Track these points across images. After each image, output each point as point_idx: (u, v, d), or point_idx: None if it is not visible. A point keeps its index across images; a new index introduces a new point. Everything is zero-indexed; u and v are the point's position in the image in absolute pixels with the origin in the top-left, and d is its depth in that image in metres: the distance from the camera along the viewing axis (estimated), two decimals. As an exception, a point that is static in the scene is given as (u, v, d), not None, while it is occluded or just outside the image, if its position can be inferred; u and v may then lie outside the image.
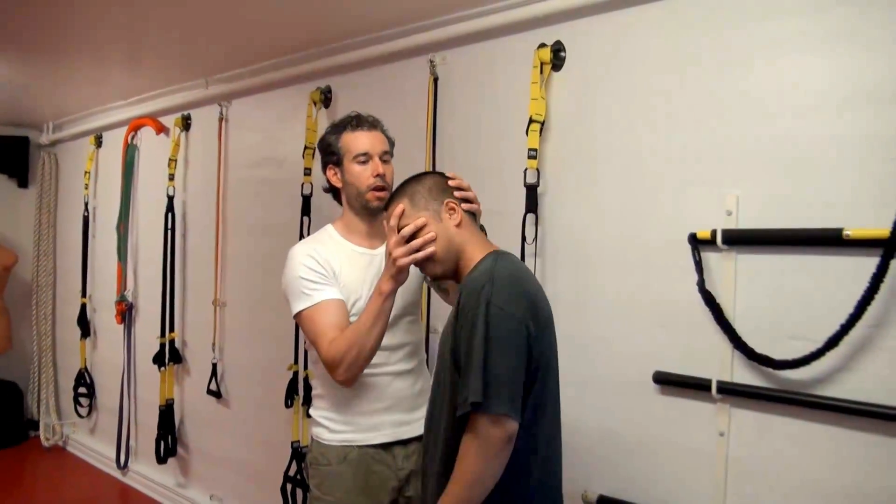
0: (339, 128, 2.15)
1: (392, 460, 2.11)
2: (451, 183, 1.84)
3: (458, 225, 1.80)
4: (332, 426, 2.10)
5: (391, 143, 2.19)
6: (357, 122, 2.13)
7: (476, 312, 1.61)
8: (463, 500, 1.60)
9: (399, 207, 1.83)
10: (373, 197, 2.08)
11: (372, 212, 2.11)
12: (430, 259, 1.80)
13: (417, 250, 1.79)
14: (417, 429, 2.08)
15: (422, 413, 2.07)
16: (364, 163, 2.09)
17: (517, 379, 1.61)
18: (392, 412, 2.10)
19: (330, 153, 2.15)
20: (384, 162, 2.11)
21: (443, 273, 1.83)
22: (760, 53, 1.99)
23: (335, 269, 2.06)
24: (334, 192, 2.20)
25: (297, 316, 2.03)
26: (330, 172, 2.16)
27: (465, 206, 1.83)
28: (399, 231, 1.81)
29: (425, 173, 1.93)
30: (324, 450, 2.11)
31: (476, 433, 1.57)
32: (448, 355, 1.71)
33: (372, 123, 2.15)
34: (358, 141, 2.10)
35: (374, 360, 1.99)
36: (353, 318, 2.01)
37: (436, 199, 1.82)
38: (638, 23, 2.25)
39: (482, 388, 1.55)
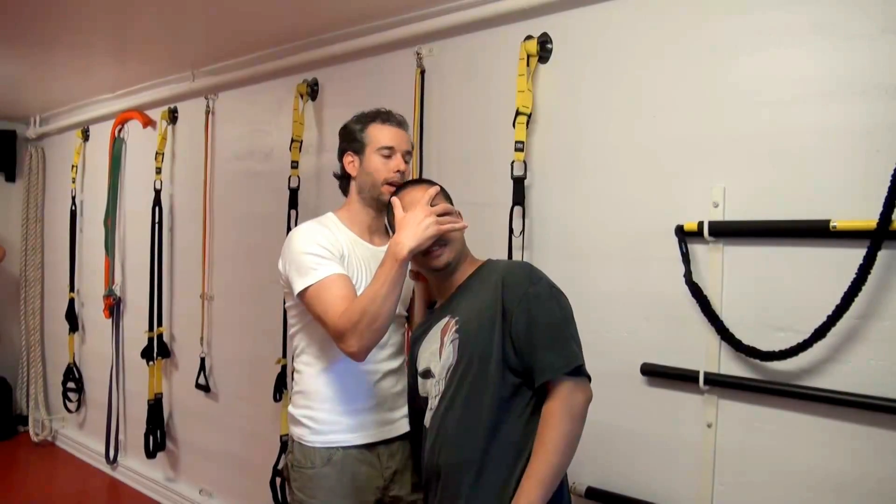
0: (366, 118, 2.13)
1: (377, 460, 2.07)
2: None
3: None
4: (315, 426, 2.04)
5: (412, 147, 2.20)
6: (387, 116, 2.13)
7: (537, 290, 1.72)
8: (559, 465, 1.64)
9: (436, 189, 1.90)
10: (387, 190, 2.05)
11: (381, 205, 2.09)
12: (451, 241, 1.84)
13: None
14: (400, 427, 2.09)
15: (403, 412, 2.08)
16: (387, 157, 2.07)
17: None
18: (377, 411, 2.07)
19: (352, 140, 2.12)
20: (405, 161, 2.11)
21: (449, 261, 1.85)
22: (747, 45, 1.99)
23: (343, 251, 2.02)
24: (345, 179, 2.17)
25: (303, 292, 1.93)
26: (347, 159, 2.14)
27: None
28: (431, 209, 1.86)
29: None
30: (307, 452, 2.04)
31: (563, 399, 1.65)
32: (489, 337, 1.72)
33: (400, 122, 2.14)
34: (385, 134, 2.09)
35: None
36: None
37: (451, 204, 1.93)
38: (624, 15, 2.25)
39: (573, 355, 1.67)
